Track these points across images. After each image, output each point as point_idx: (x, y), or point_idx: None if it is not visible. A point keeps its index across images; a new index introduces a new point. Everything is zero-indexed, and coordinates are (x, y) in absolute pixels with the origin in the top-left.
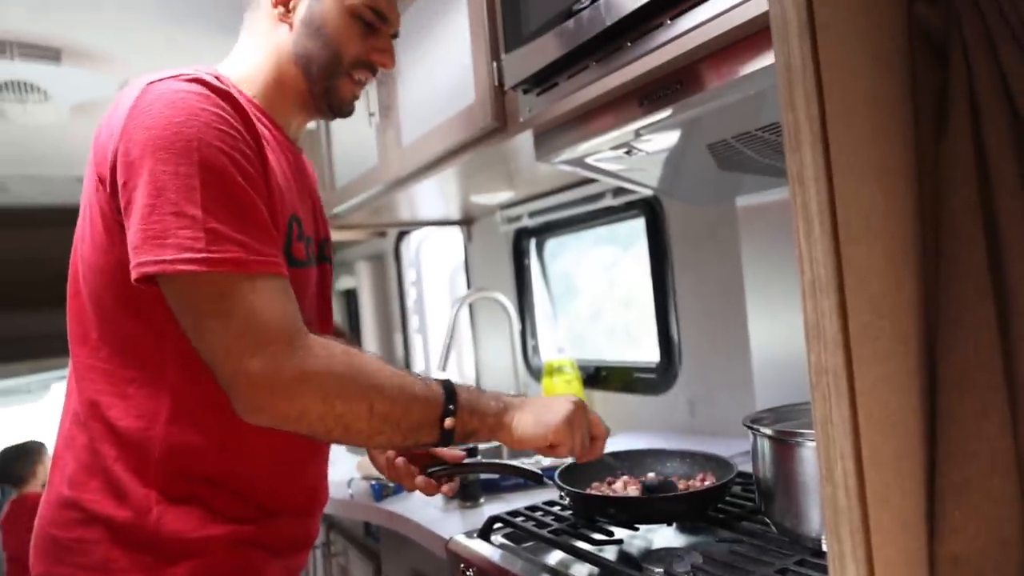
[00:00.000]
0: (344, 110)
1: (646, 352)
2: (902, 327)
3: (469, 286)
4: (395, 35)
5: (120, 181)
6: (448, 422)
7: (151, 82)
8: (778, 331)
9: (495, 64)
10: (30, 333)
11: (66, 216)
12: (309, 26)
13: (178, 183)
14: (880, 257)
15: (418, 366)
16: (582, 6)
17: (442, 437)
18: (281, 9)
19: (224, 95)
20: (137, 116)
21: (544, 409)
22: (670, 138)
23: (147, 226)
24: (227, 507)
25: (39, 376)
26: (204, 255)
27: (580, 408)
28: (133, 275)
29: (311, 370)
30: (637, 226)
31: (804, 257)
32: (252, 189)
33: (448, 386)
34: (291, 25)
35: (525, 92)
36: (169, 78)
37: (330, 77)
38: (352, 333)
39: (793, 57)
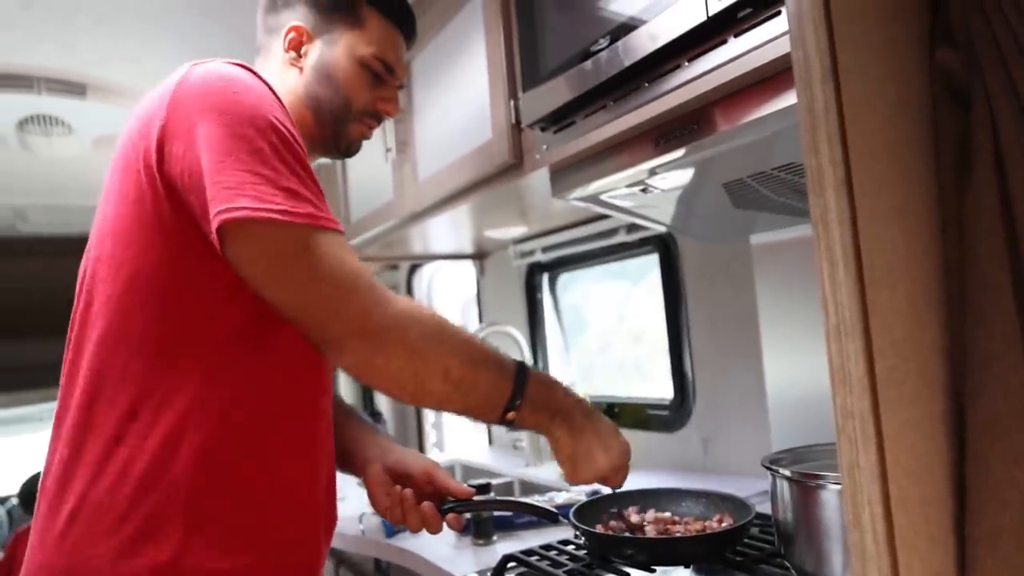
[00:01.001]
0: (351, 151)
1: (656, 387)
2: (927, 371)
3: (481, 320)
4: (401, 86)
5: (178, 151)
6: (510, 415)
7: (194, 64)
8: (794, 370)
9: (512, 102)
10: (43, 361)
11: (82, 245)
12: (320, 72)
13: (244, 145)
14: (903, 301)
15: None
16: (600, 47)
17: (502, 423)
18: (293, 54)
19: (268, 86)
20: (188, 89)
21: (604, 446)
22: (685, 176)
23: (221, 179)
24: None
25: (50, 405)
26: (283, 207)
27: (628, 454)
28: (214, 224)
29: (399, 321)
30: (647, 260)
31: (829, 300)
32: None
33: (521, 376)
34: (301, 69)
35: (542, 130)
36: (213, 61)
37: (339, 122)
38: None
39: (816, 101)
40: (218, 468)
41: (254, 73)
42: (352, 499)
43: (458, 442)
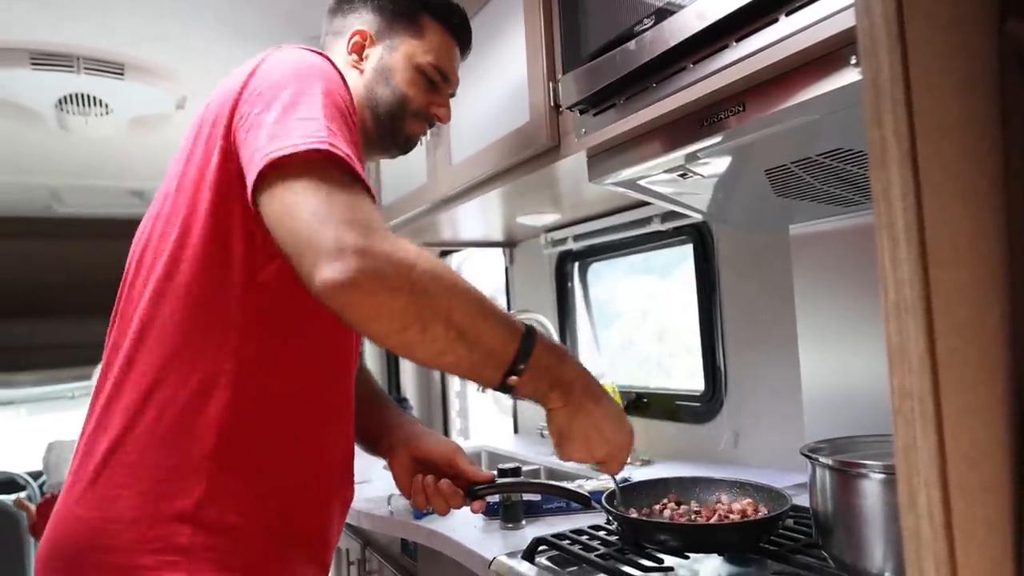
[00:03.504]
0: (408, 146)
1: (678, 384)
2: (989, 354)
3: (509, 308)
4: (452, 94)
5: (241, 114)
6: (512, 379)
7: (276, 48)
8: (831, 364)
9: (551, 84)
10: (76, 341)
11: (117, 227)
12: (379, 74)
13: (306, 101)
14: (968, 281)
15: (456, 387)
16: (645, 27)
17: (500, 387)
18: (355, 56)
19: (342, 76)
20: (265, 66)
21: (602, 428)
22: (727, 162)
23: (273, 130)
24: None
25: (83, 383)
26: (327, 143)
27: (630, 442)
28: (259, 167)
29: (407, 259)
30: (675, 255)
31: (889, 277)
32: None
33: (528, 338)
34: (362, 71)
35: (581, 112)
36: (295, 46)
37: (395, 119)
38: (390, 353)
39: (882, 72)
40: (242, 426)
41: (331, 62)
42: (379, 481)
43: (484, 429)
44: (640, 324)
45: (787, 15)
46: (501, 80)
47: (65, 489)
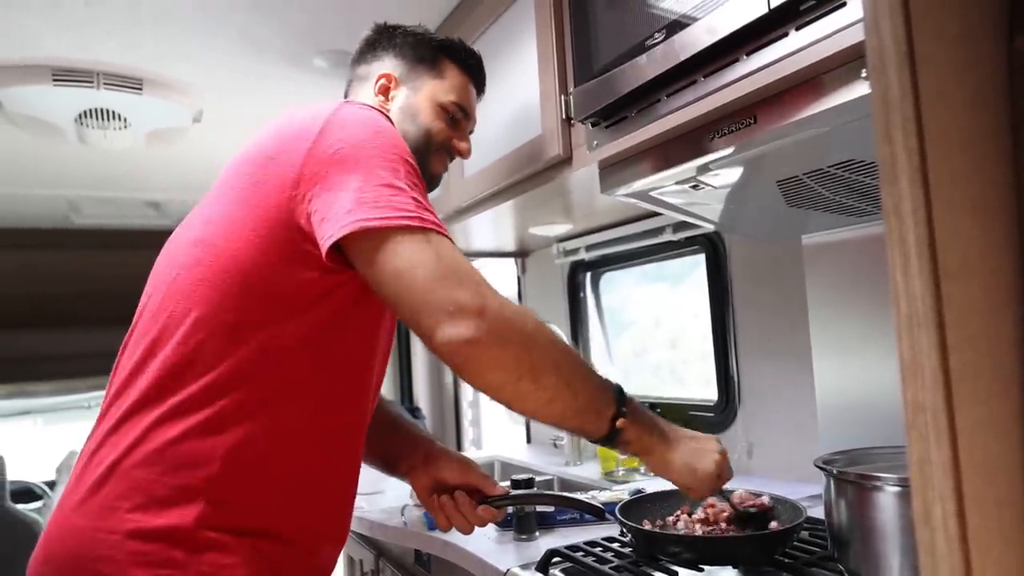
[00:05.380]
0: (435, 183)
1: (692, 393)
2: (1003, 368)
3: None
4: (471, 131)
5: (318, 172)
6: (620, 422)
7: (345, 103)
8: (845, 373)
9: (563, 97)
10: (92, 351)
11: (134, 238)
12: (405, 113)
13: (385, 166)
14: (980, 295)
15: (468, 397)
16: (656, 41)
17: (609, 433)
18: (382, 98)
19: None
20: (339, 123)
21: (698, 456)
22: (738, 173)
23: (360, 196)
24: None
25: (97, 393)
26: (417, 215)
27: (726, 458)
28: (347, 230)
29: (518, 314)
30: (687, 263)
31: (901, 292)
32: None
33: (619, 387)
34: (388, 111)
35: (593, 125)
36: (360, 104)
37: (421, 155)
38: (403, 362)
39: (891, 89)
40: (250, 459)
41: (389, 119)
42: (393, 491)
43: (497, 440)
44: (653, 332)
45: (797, 29)
46: (513, 93)
47: (64, 496)
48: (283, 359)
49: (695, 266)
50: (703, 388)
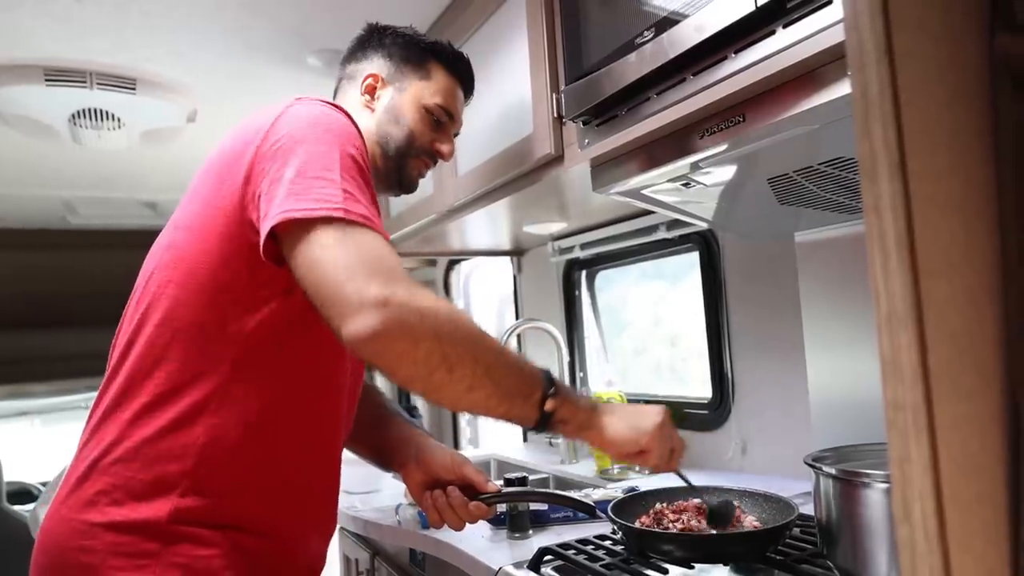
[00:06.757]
0: (411, 187)
1: (692, 390)
2: (984, 365)
3: (518, 316)
4: (456, 133)
5: (262, 167)
6: (549, 403)
7: (298, 99)
8: (838, 371)
9: (554, 96)
10: (88, 351)
11: (130, 237)
12: (390, 114)
13: (321, 160)
14: (960, 292)
15: None
16: (645, 40)
17: (540, 417)
18: (368, 97)
19: (356, 128)
20: (285, 119)
21: (637, 415)
22: (729, 171)
23: (291, 188)
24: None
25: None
26: (342, 207)
27: (669, 418)
28: (273, 222)
29: (428, 306)
30: (685, 261)
31: (880, 290)
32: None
33: (547, 371)
34: (373, 111)
35: (584, 124)
36: (314, 100)
37: (402, 157)
38: None
39: (870, 85)
40: (223, 452)
41: (348, 116)
42: (388, 490)
43: (493, 438)
44: (652, 330)
45: (784, 27)
46: (504, 92)
47: (58, 490)
48: (247, 355)
49: (694, 264)
50: (703, 386)
